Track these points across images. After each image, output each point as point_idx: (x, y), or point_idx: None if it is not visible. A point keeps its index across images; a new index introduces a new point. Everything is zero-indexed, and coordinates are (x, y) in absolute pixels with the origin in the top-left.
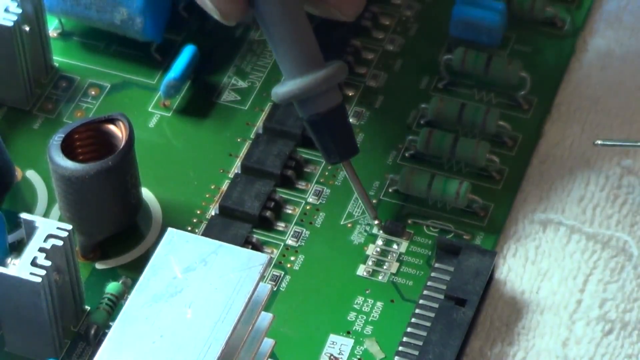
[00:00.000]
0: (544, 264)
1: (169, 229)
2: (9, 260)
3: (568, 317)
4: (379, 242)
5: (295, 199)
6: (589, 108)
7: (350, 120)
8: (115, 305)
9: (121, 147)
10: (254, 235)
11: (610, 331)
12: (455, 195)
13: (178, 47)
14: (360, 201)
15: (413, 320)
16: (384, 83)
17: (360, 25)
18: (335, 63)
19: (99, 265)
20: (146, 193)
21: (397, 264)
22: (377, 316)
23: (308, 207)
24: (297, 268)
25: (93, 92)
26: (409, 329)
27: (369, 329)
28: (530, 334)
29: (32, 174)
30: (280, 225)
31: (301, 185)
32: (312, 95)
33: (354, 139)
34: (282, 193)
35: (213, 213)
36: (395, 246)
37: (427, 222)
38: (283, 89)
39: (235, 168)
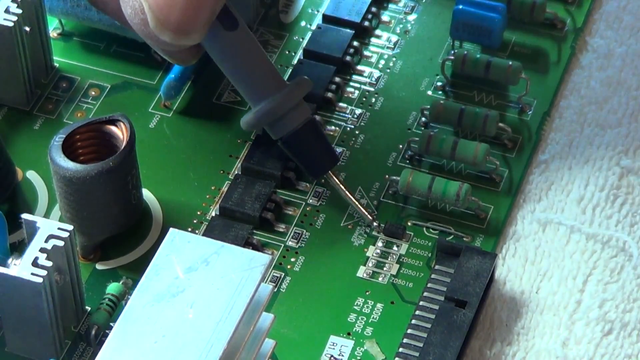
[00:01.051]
0: (543, 264)
1: (171, 229)
2: (10, 260)
3: (568, 317)
4: (379, 243)
5: (295, 201)
6: (588, 108)
7: (351, 122)
8: (115, 305)
9: (122, 148)
10: (255, 237)
11: (610, 331)
12: (455, 197)
13: None
14: (354, 208)
15: (413, 321)
16: (384, 84)
17: (361, 26)
18: (295, 80)
19: (99, 266)
20: (147, 194)
21: (397, 266)
22: (378, 317)
23: (308, 209)
24: (297, 269)
25: (93, 93)
26: (409, 331)
27: (369, 331)
28: (530, 334)
29: (32, 175)
30: (281, 227)
31: (301, 186)
32: (279, 116)
33: (332, 149)
34: (283, 194)
35: (213, 214)
36: (395, 248)
37: (427, 223)
38: (249, 117)
39: (236, 169)
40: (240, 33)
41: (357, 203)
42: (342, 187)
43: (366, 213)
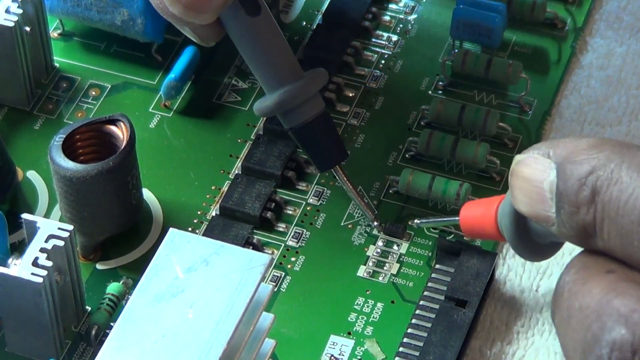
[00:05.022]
0: (543, 262)
1: (171, 229)
2: (10, 260)
3: None
4: (380, 243)
5: (295, 200)
6: (588, 108)
7: (351, 121)
8: (116, 305)
9: (122, 147)
10: (255, 236)
11: None
12: (455, 196)
13: (179, 47)
14: (357, 204)
15: (413, 321)
16: (384, 84)
17: (360, 26)
18: (313, 72)
19: (99, 266)
20: (147, 193)
21: (398, 265)
22: (378, 317)
23: (308, 208)
24: (297, 269)
25: (94, 93)
26: (409, 330)
27: (369, 330)
28: (530, 332)
29: (32, 175)
30: (281, 226)
31: (301, 186)
32: (293, 107)
33: (342, 144)
34: (283, 194)
35: (214, 214)
36: (395, 247)
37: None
38: (264, 104)
39: (236, 169)
40: (262, 19)
41: (360, 200)
42: (348, 183)
43: (369, 211)
